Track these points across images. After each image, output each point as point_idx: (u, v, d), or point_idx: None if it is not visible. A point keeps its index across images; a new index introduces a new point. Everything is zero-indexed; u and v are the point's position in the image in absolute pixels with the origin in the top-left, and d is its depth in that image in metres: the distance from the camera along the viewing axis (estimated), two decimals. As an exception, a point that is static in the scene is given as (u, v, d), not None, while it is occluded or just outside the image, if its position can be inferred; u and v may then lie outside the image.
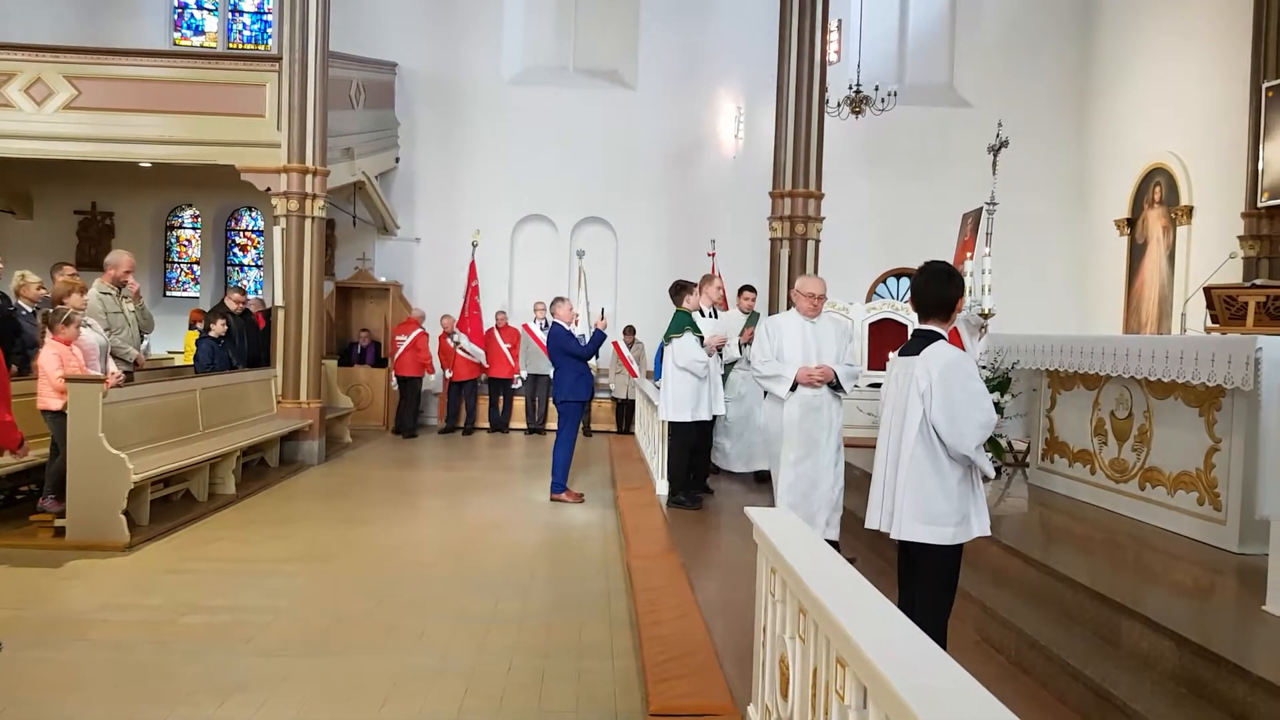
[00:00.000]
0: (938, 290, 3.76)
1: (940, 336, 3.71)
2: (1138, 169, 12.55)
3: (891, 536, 3.77)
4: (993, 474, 3.76)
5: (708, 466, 8.63)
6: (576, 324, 9.20)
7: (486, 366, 13.55)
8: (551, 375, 13.54)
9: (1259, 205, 10.07)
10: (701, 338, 7.89)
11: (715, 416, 8.23)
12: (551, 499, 8.88)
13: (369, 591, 5.83)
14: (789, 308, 6.34)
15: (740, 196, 13.68)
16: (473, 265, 13.62)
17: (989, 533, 3.82)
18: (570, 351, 8.74)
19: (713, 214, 14.11)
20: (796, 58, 11.09)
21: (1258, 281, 7.43)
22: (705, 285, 8.66)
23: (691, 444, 7.92)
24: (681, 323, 7.90)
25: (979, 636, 4.64)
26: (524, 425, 13.92)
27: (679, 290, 8.12)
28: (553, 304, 9.07)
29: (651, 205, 14.49)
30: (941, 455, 3.63)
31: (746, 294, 9.13)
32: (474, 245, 13.59)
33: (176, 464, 7.65)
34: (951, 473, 3.65)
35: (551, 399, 9.97)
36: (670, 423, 7.90)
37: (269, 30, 14.92)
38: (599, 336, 8.91)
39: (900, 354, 3.82)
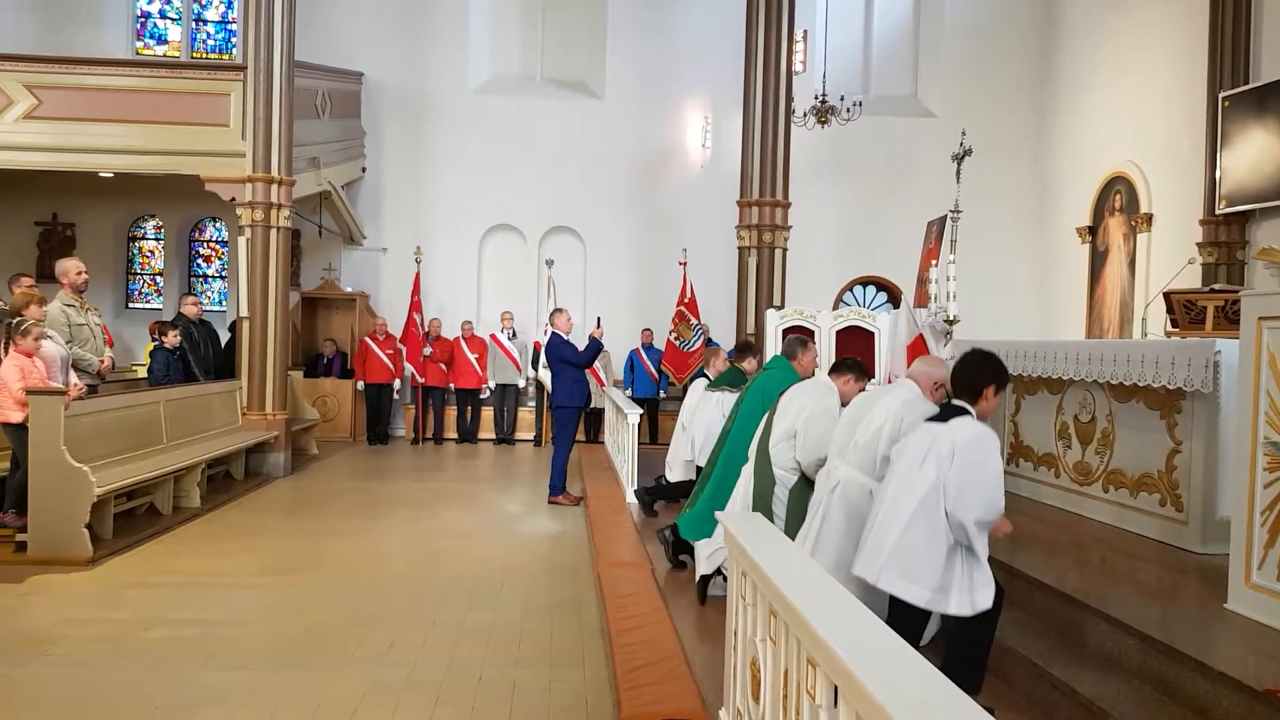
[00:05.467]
0: (967, 375, 3.86)
1: (969, 412, 3.77)
2: (1098, 178, 12.76)
3: (870, 581, 3.75)
4: (983, 555, 3.65)
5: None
6: (546, 332, 9.22)
7: (421, 379, 13.49)
8: (520, 385, 13.71)
9: (1216, 213, 10.28)
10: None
11: None
12: (549, 501, 9.05)
13: (337, 603, 5.77)
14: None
15: (708, 206, 13.73)
16: (417, 281, 13.57)
17: (968, 614, 3.65)
18: (567, 359, 8.86)
19: (681, 223, 14.16)
20: (763, 68, 11.16)
21: (1216, 287, 7.61)
22: (556, 317, 9.06)
23: None
24: (734, 379, 7.51)
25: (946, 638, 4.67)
26: (493, 435, 13.85)
27: (744, 350, 7.85)
28: (552, 315, 9.26)
29: (620, 215, 14.51)
30: (940, 520, 3.63)
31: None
32: (417, 262, 13.59)
33: (140, 477, 7.54)
34: (945, 538, 3.64)
35: (548, 405, 9.94)
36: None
37: (233, 40, 14.78)
38: (595, 345, 8.95)
39: (927, 420, 3.86)
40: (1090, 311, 12.93)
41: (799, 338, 5.99)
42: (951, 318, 8.07)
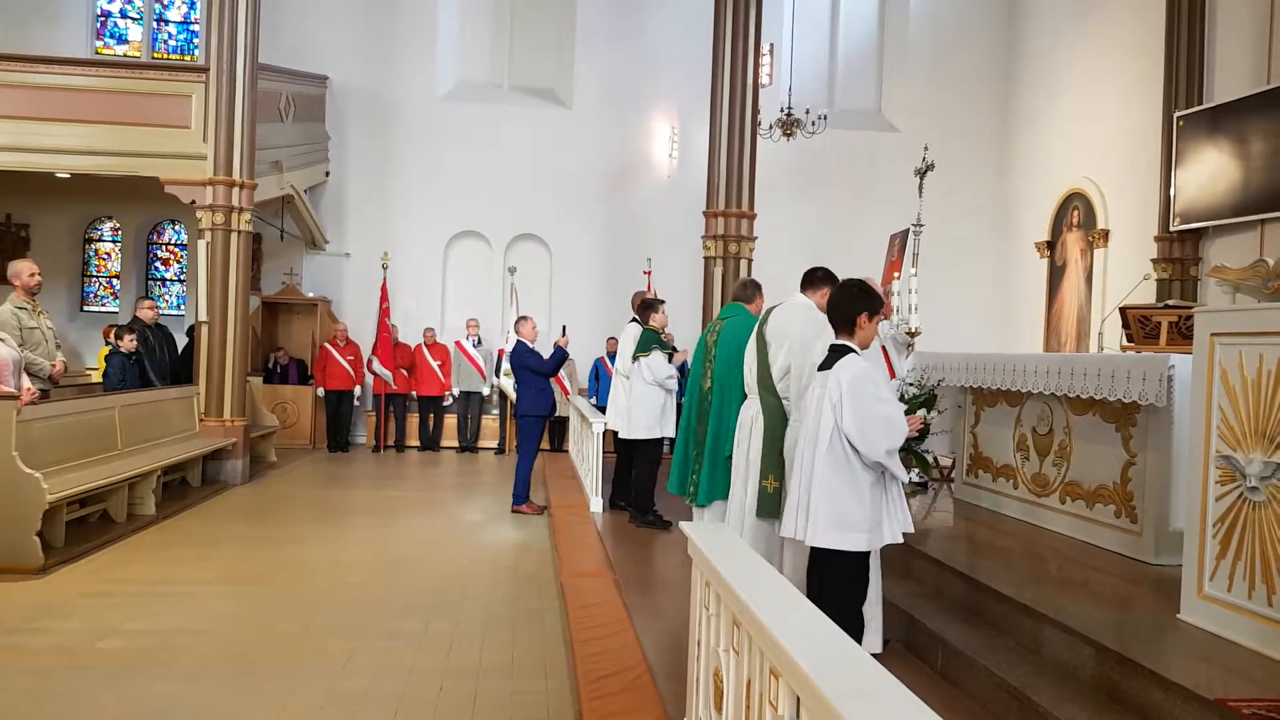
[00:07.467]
0: (841, 304, 3.98)
1: (851, 350, 3.84)
2: (1057, 194, 12.98)
3: (807, 543, 3.86)
4: (905, 477, 3.86)
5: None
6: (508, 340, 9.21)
7: (394, 387, 13.40)
8: (484, 393, 13.65)
9: (1171, 229, 10.49)
10: (671, 354, 7.94)
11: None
12: (513, 510, 9.01)
13: (295, 613, 5.70)
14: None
15: (675, 215, 13.78)
16: (384, 287, 13.52)
17: (901, 539, 3.93)
18: (531, 367, 8.83)
19: (648, 232, 14.19)
20: (729, 80, 11.24)
21: (1170, 302, 7.76)
22: (521, 325, 9.05)
23: (659, 460, 7.80)
24: (650, 340, 7.88)
25: (906, 647, 4.72)
26: (455, 443, 13.76)
27: (645, 308, 8.12)
28: (516, 322, 9.20)
29: (587, 223, 14.51)
30: (854, 463, 3.76)
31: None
32: (384, 267, 13.55)
33: (94, 483, 7.38)
34: (863, 479, 3.77)
35: (512, 414, 9.93)
36: (639, 440, 7.85)
37: (195, 41, 14.62)
38: (560, 354, 8.93)
39: (819, 369, 3.95)
40: (1048, 325, 13.14)
41: (753, 280, 6.03)
42: (913, 330, 8.16)
